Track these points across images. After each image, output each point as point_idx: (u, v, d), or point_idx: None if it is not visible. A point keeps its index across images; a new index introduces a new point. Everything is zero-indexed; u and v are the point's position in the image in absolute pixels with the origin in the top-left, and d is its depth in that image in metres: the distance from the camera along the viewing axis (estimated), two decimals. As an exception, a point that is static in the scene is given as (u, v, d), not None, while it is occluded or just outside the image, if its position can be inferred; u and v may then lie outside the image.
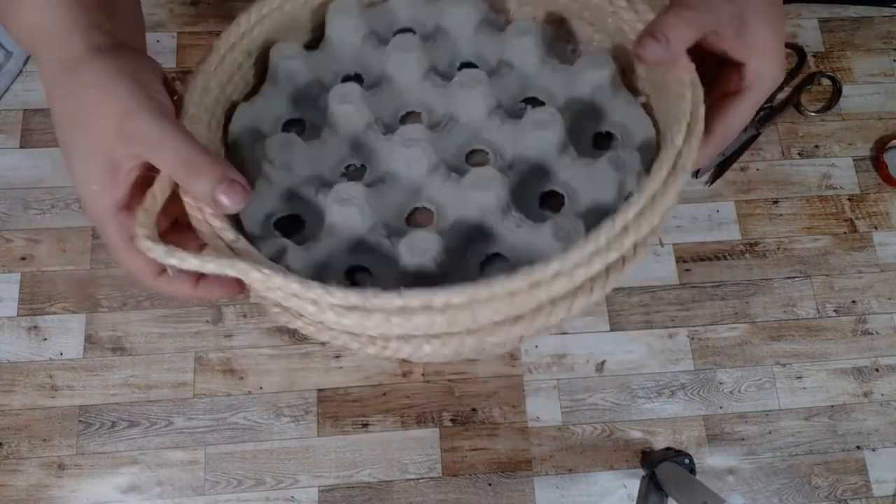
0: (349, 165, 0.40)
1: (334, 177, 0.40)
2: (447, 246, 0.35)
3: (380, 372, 0.54)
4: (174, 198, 0.32)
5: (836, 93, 0.63)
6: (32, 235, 0.56)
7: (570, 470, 0.53)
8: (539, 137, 0.38)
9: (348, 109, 0.39)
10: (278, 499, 0.51)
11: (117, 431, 0.52)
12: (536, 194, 0.39)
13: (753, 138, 0.61)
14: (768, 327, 0.57)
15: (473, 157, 0.41)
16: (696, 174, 0.60)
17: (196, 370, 0.53)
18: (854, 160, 0.62)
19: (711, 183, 0.60)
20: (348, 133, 0.40)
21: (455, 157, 0.40)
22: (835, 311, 0.58)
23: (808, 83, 0.62)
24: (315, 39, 0.45)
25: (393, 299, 0.28)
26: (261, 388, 0.53)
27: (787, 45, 0.64)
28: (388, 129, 0.40)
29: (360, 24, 0.43)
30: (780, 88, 0.62)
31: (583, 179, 0.38)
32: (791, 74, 0.63)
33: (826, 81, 0.64)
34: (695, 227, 0.59)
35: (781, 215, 0.60)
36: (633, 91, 0.41)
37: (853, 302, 0.58)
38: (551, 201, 0.39)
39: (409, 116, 0.42)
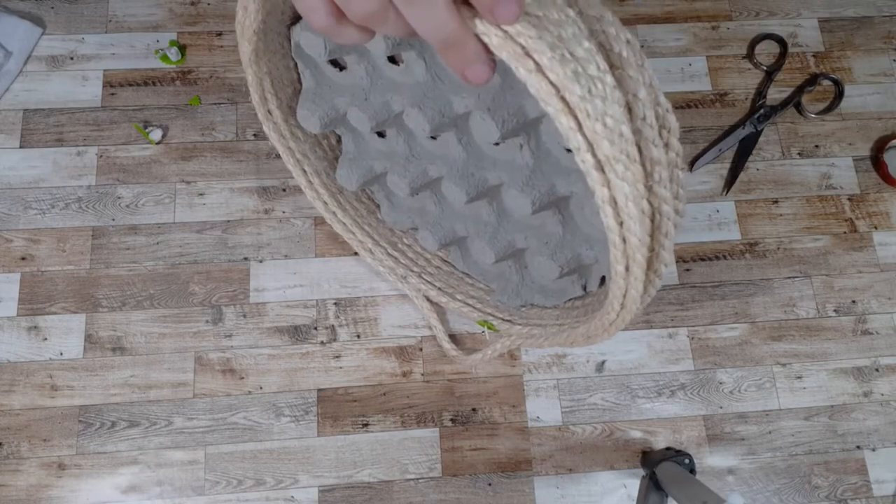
0: None
1: None
2: None
3: (380, 372, 0.54)
4: None
5: (838, 95, 0.62)
6: (32, 235, 0.56)
7: (570, 470, 0.53)
8: None
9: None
10: (278, 499, 0.51)
11: (117, 431, 0.52)
12: None
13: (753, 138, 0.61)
14: (768, 327, 0.57)
15: None
16: (691, 166, 0.60)
17: (196, 370, 0.53)
18: (854, 160, 0.62)
19: (727, 192, 0.60)
20: None
21: None
22: (835, 310, 0.58)
23: (810, 84, 0.62)
24: None
25: None
26: (261, 388, 0.53)
27: (769, 36, 0.64)
28: None
29: None
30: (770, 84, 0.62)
31: None
32: (776, 65, 0.62)
33: (827, 83, 0.64)
34: (695, 227, 0.59)
35: (781, 215, 0.60)
36: None
37: (853, 302, 0.58)
38: None
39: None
